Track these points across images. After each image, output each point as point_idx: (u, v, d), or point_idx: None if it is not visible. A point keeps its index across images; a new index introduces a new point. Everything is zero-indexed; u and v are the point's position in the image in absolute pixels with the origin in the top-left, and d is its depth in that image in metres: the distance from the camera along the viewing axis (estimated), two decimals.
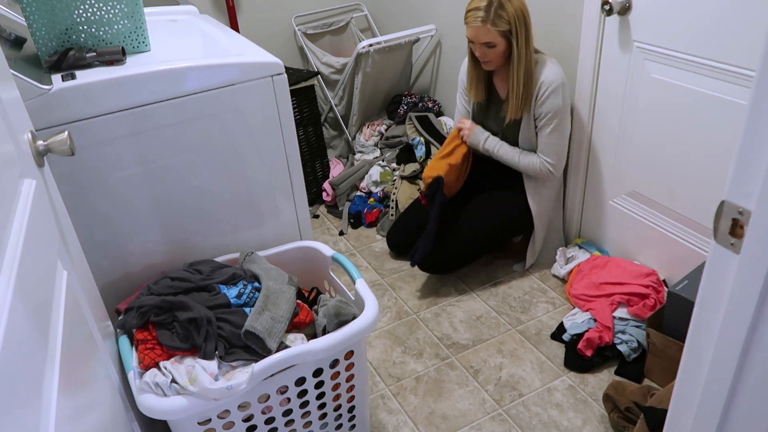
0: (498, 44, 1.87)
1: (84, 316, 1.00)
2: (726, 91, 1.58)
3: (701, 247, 1.82)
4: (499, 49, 1.88)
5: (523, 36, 1.85)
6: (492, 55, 1.90)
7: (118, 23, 1.41)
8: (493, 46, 1.87)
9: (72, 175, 1.32)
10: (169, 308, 1.24)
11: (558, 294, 2.09)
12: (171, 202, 1.47)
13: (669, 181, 1.84)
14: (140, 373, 1.19)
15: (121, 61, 1.37)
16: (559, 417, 1.64)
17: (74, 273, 0.99)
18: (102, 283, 1.40)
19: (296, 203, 1.66)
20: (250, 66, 1.42)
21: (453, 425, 1.64)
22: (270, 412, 1.29)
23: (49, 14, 1.34)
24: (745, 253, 0.63)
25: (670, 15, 1.65)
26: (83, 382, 0.87)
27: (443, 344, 1.91)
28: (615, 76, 1.89)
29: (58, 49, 1.37)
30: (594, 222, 2.19)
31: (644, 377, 1.73)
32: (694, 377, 0.77)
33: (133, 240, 1.47)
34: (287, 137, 1.55)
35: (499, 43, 1.86)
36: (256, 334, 1.20)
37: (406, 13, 2.93)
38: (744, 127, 0.60)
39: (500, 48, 1.88)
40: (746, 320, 0.65)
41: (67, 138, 0.98)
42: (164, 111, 1.36)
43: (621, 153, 1.96)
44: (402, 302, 2.10)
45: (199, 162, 1.46)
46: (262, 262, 1.46)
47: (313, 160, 2.70)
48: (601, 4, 1.78)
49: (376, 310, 1.33)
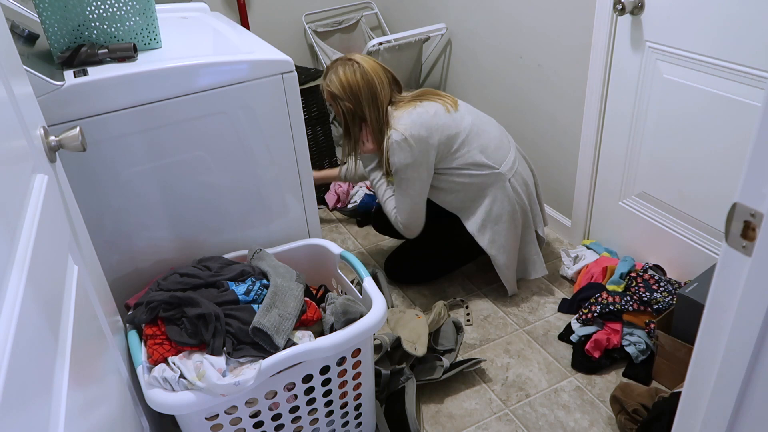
0: (332, 105, 1.93)
1: (94, 311, 1.01)
2: (738, 92, 1.56)
3: (712, 249, 1.80)
4: (335, 109, 1.92)
5: (352, 110, 1.87)
6: (336, 114, 1.95)
7: (129, 20, 1.42)
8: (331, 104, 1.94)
9: (83, 170, 1.33)
10: (178, 304, 1.25)
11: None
12: (181, 198, 1.48)
13: (680, 183, 1.83)
14: (149, 368, 1.20)
15: (132, 57, 1.38)
16: (566, 418, 1.64)
17: (85, 268, 1.00)
18: (112, 279, 1.41)
19: (305, 201, 1.66)
20: (260, 63, 1.43)
21: (459, 424, 1.64)
22: (277, 409, 1.30)
23: (62, 11, 1.35)
24: (756, 255, 0.63)
25: (683, 15, 1.64)
26: (93, 376, 0.87)
27: None
28: (626, 76, 1.88)
29: (70, 46, 1.39)
30: (603, 223, 2.18)
31: (652, 379, 1.72)
32: (703, 380, 0.76)
33: (143, 236, 1.48)
34: (297, 135, 1.55)
35: (332, 105, 1.92)
36: (264, 331, 1.21)
37: (417, 11, 2.92)
38: (756, 129, 0.59)
39: (335, 108, 1.92)
40: (757, 323, 0.64)
41: (79, 134, 0.98)
42: (175, 108, 1.37)
43: (631, 154, 1.95)
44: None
45: (209, 159, 1.47)
46: (271, 259, 1.46)
47: (321, 160, 2.71)
48: (614, 4, 1.77)
49: (383, 309, 1.33)
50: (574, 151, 2.18)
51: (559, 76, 2.15)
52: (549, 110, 2.25)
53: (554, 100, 2.21)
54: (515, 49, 2.32)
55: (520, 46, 2.29)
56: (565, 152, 2.23)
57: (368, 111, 1.87)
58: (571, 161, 2.21)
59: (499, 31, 2.38)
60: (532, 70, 2.27)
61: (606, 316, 1.80)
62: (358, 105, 1.87)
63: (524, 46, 2.26)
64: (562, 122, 2.20)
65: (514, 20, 2.28)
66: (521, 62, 2.31)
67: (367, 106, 1.87)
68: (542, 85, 2.24)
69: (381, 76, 1.88)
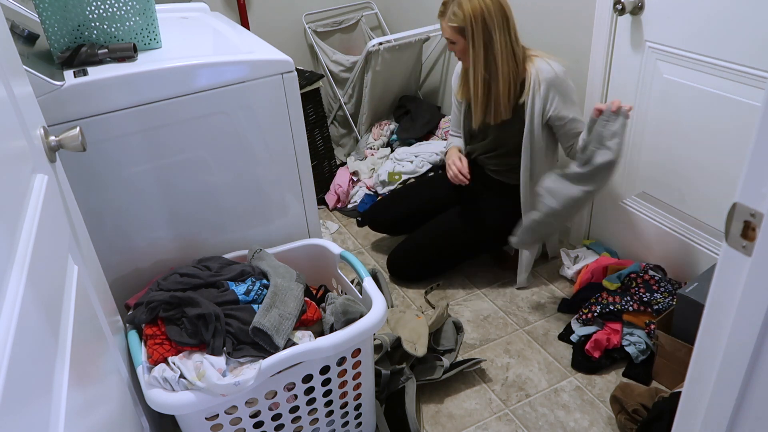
0: (457, 41, 1.82)
1: (94, 311, 1.01)
2: (739, 92, 1.56)
3: (712, 249, 1.80)
4: (459, 46, 1.83)
5: (480, 37, 1.77)
6: (457, 51, 1.86)
7: (129, 20, 1.42)
8: (453, 42, 1.84)
9: (83, 170, 1.33)
10: (178, 304, 1.25)
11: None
12: (181, 198, 1.48)
13: (680, 183, 1.83)
14: (149, 368, 1.20)
15: (132, 57, 1.38)
16: (566, 418, 1.64)
17: (85, 268, 1.00)
18: (112, 279, 1.41)
19: (305, 201, 1.67)
20: (261, 64, 1.43)
21: (459, 424, 1.64)
22: (277, 409, 1.30)
23: (62, 11, 1.35)
24: (756, 255, 0.63)
25: (683, 15, 1.64)
26: (93, 376, 0.87)
27: None
28: (626, 76, 1.88)
29: (70, 46, 1.39)
30: (603, 223, 2.18)
31: (652, 379, 1.72)
32: (703, 380, 0.76)
33: (142, 236, 1.48)
34: (296, 135, 1.56)
35: (457, 41, 1.82)
36: (264, 331, 1.21)
37: (417, 11, 2.92)
38: (757, 129, 0.59)
39: (460, 45, 1.82)
40: (757, 324, 0.64)
41: (79, 134, 0.98)
42: (175, 108, 1.37)
43: (632, 154, 1.95)
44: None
45: (209, 159, 1.47)
46: (271, 259, 1.46)
47: (321, 163, 2.70)
48: (614, 4, 1.77)
49: (383, 309, 1.33)
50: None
51: None
52: None
53: None
54: None
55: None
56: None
57: (485, 53, 1.78)
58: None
59: None
60: None
61: (606, 316, 1.80)
62: (482, 40, 1.76)
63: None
64: None
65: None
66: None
67: (485, 46, 1.77)
68: None
69: (508, 4, 1.80)
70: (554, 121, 1.85)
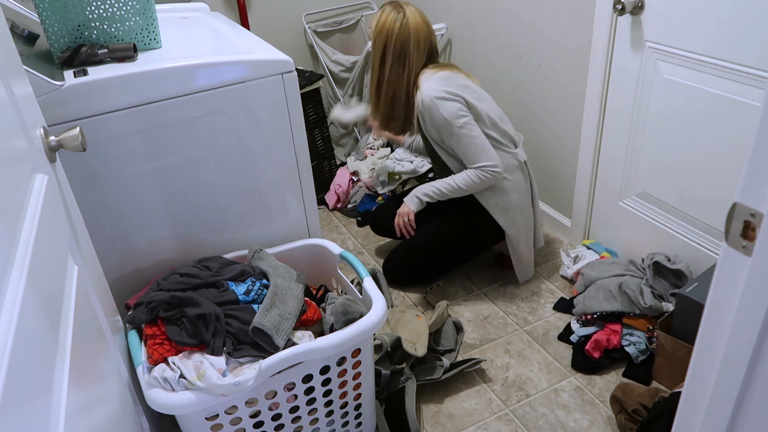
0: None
1: (94, 311, 1.01)
2: (739, 92, 1.56)
3: (711, 249, 1.80)
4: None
5: (378, 55, 1.82)
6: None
7: (129, 20, 1.42)
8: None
9: (83, 170, 1.33)
10: (178, 304, 1.25)
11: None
12: (181, 198, 1.48)
13: (680, 183, 1.83)
14: (149, 368, 1.20)
15: (132, 57, 1.38)
16: (565, 418, 1.64)
17: (85, 268, 1.00)
18: (112, 279, 1.41)
19: (305, 201, 1.67)
20: (261, 63, 1.43)
21: (459, 424, 1.64)
22: (277, 409, 1.30)
23: (62, 11, 1.35)
24: (756, 255, 0.63)
25: (684, 15, 1.64)
26: (93, 376, 0.87)
27: None
28: (626, 76, 1.88)
29: (70, 46, 1.39)
30: (603, 223, 2.18)
31: (652, 379, 1.72)
32: (703, 380, 0.76)
33: (143, 236, 1.48)
34: (297, 135, 1.56)
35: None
36: (264, 331, 1.21)
37: None
38: (757, 129, 0.59)
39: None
40: (757, 323, 0.64)
41: (79, 134, 0.98)
42: (175, 108, 1.37)
43: (631, 154, 1.95)
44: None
45: (209, 159, 1.47)
46: (271, 259, 1.46)
47: (321, 163, 2.70)
48: (614, 4, 1.77)
49: (383, 309, 1.33)
50: (574, 151, 2.18)
51: (559, 76, 2.15)
52: (549, 110, 2.25)
53: (554, 100, 2.21)
54: (515, 49, 2.32)
55: (520, 46, 2.29)
56: (565, 152, 2.23)
57: (379, 70, 1.83)
58: (571, 161, 2.21)
59: (499, 31, 2.38)
60: (532, 70, 2.27)
61: (606, 317, 1.80)
62: (380, 57, 1.82)
63: (524, 46, 2.26)
64: (562, 122, 2.20)
65: (514, 20, 2.28)
66: (521, 62, 2.31)
67: (380, 63, 1.82)
68: (542, 85, 2.24)
69: (420, 38, 1.81)
70: (442, 144, 1.91)
